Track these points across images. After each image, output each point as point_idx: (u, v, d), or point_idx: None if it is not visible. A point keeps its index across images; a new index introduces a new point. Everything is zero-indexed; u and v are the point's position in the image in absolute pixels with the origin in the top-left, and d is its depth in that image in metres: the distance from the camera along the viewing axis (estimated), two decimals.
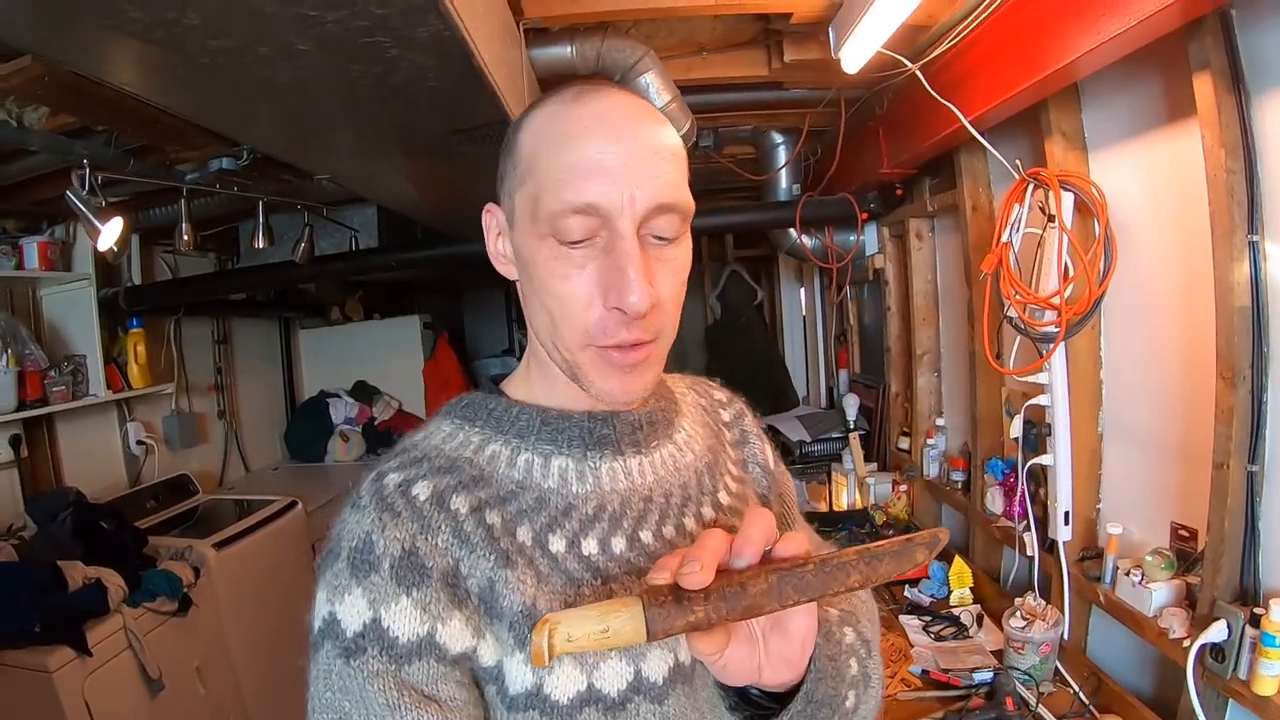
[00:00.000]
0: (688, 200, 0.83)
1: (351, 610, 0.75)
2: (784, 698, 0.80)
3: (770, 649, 0.75)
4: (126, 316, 4.08)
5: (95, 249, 3.50)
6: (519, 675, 0.78)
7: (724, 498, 0.99)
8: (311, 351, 6.17)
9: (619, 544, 0.86)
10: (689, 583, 0.67)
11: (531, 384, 0.95)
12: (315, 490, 4.58)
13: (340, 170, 2.94)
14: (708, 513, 0.95)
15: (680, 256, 0.85)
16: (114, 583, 2.84)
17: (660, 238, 0.82)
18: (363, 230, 4.39)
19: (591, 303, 0.80)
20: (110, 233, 2.81)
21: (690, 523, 0.92)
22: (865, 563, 0.71)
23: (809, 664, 0.80)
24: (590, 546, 0.85)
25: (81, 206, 2.68)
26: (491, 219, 0.92)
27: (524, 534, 0.83)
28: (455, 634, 0.77)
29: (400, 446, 0.92)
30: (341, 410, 5.64)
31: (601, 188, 0.77)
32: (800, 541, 0.73)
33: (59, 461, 3.73)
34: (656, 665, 0.82)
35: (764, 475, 1.11)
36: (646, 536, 0.88)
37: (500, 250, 0.92)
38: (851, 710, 0.86)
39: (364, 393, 5.83)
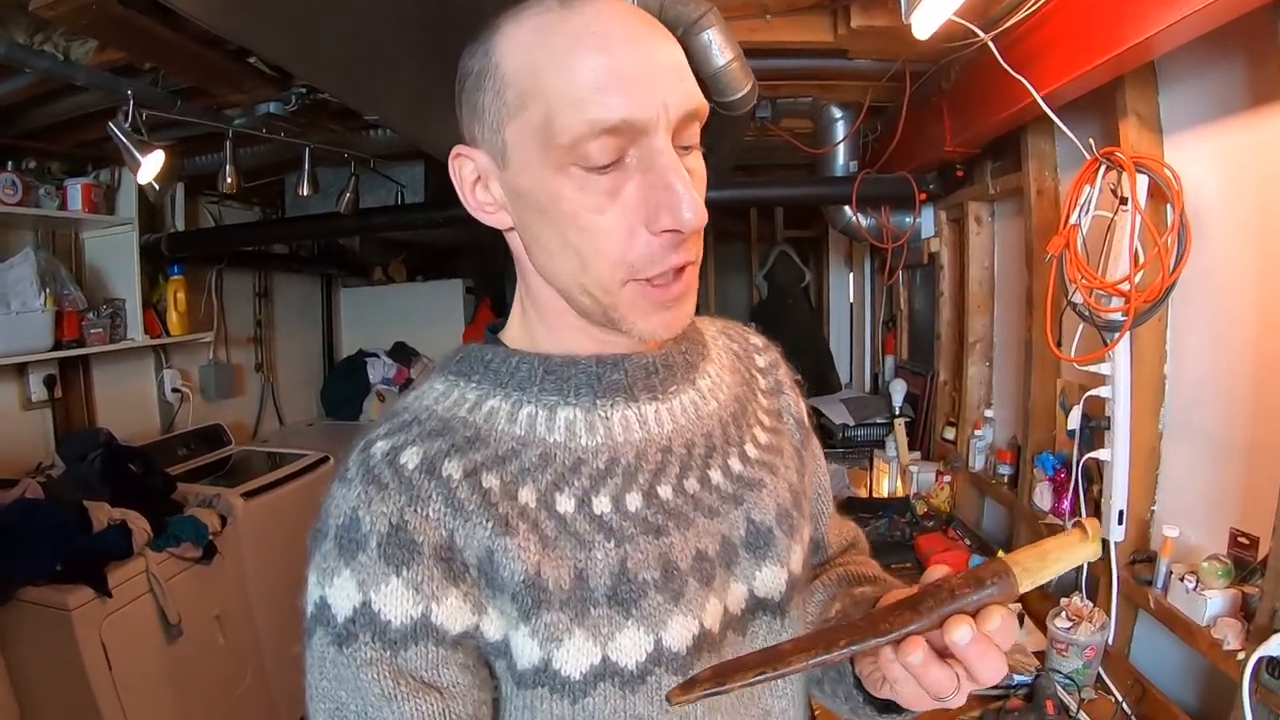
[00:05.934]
0: (706, 105, 0.75)
1: (341, 594, 0.70)
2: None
3: None
4: (168, 263, 4.07)
5: (140, 194, 3.51)
6: (526, 650, 0.72)
7: (751, 450, 0.91)
8: (352, 310, 6.16)
9: (634, 500, 0.78)
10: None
11: (531, 331, 0.86)
12: (349, 447, 4.55)
13: (394, 112, 2.86)
14: (735, 465, 0.87)
15: (702, 168, 0.77)
16: (139, 526, 2.84)
17: (685, 148, 0.74)
18: (409, 187, 4.35)
19: (634, 231, 0.71)
20: (151, 165, 2.78)
21: (716, 475, 0.85)
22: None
23: None
24: (603, 504, 0.77)
25: (123, 138, 2.65)
26: (465, 164, 0.80)
27: (527, 495, 0.76)
28: (452, 613, 0.71)
29: (391, 410, 0.86)
30: (379, 370, 5.62)
31: (634, 101, 0.68)
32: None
33: (93, 404, 3.76)
34: (679, 634, 0.75)
35: (797, 429, 1.04)
36: (665, 491, 0.80)
37: (481, 199, 0.80)
38: None
39: (403, 354, 5.80)
